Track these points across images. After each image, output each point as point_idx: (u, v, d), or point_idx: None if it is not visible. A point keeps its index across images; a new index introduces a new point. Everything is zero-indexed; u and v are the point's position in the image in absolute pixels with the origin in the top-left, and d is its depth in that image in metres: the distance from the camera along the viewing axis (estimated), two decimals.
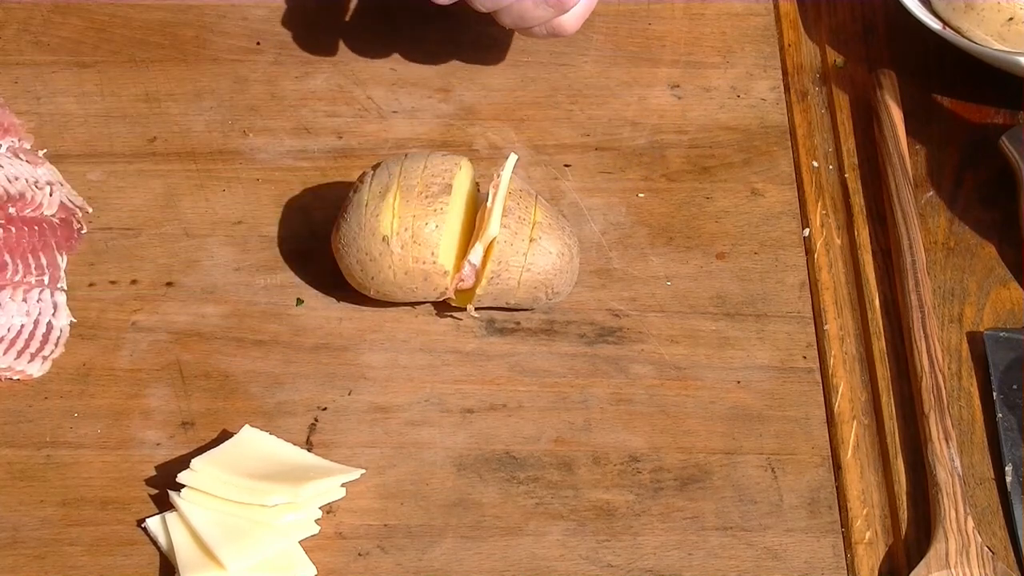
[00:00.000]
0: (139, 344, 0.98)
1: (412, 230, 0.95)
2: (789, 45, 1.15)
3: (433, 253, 0.95)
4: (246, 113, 1.09)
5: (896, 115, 1.09)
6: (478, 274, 0.96)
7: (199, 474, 0.89)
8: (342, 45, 1.13)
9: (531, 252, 0.96)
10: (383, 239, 0.95)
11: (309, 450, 0.94)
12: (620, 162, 1.08)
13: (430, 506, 0.92)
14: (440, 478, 0.93)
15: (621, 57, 1.13)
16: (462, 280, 0.96)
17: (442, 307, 0.99)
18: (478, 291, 0.96)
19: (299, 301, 1.00)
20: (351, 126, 1.09)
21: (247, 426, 0.92)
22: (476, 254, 0.96)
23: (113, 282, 1.01)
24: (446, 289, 0.96)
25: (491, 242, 0.96)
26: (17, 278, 0.98)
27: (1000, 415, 0.96)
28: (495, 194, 0.96)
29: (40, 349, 0.97)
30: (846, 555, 0.91)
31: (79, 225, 1.03)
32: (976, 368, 0.98)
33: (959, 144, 1.09)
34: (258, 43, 1.13)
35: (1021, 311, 1.01)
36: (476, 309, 0.98)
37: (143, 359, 0.98)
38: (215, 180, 1.06)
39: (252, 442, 0.92)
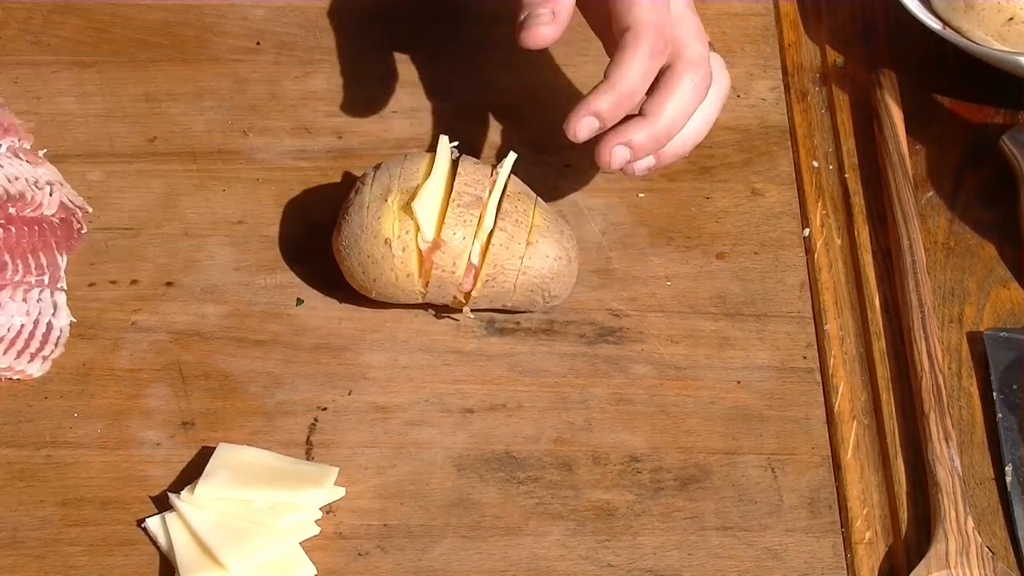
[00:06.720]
0: (139, 344, 0.98)
1: (413, 232, 0.95)
2: (789, 45, 1.15)
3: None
4: (246, 113, 1.09)
5: (896, 115, 1.09)
6: (475, 276, 0.96)
7: (196, 498, 0.89)
8: (342, 45, 1.13)
9: (527, 256, 0.96)
10: (385, 242, 0.95)
11: (309, 450, 0.94)
12: None
13: (430, 506, 0.92)
14: (440, 478, 0.93)
15: None
16: (461, 284, 0.96)
17: (441, 308, 0.99)
18: (474, 293, 0.96)
19: (299, 301, 1.00)
20: (351, 126, 1.09)
21: (222, 444, 0.92)
22: (474, 253, 0.95)
23: (113, 282, 1.01)
24: (453, 298, 0.96)
25: (487, 247, 0.95)
26: (17, 278, 0.98)
27: (1000, 415, 0.96)
28: (491, 190, 0.96)
29: (40, 349, 0.97)
30: (846, 555, 0.91)
31: (79, 225, 1.03)
32: (976, 368, 0.98)
33: (959, 144, 1.09)
34: (258, 43, 1.13)
35: (1021, 311, 1.01)
36: (472, 311, 0.98)
37: (143, 359, 0.98)
38: (215, 180, 1.06)
39: (232, 456, 0.91)
